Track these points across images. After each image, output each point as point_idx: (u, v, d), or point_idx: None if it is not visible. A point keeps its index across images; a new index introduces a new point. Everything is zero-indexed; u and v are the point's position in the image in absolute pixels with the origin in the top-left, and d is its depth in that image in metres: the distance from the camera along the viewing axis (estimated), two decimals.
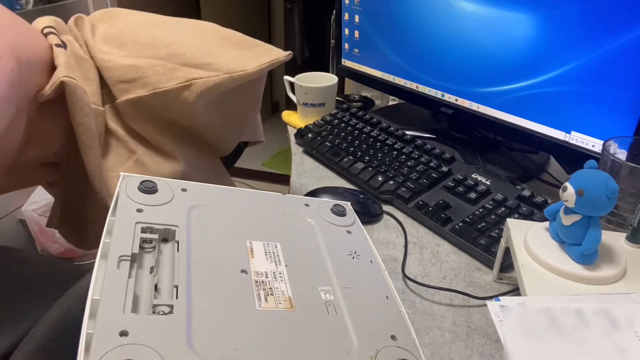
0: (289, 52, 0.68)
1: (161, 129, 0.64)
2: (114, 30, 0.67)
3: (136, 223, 0.40)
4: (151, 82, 0.61)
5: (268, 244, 0.44)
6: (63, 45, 0.60)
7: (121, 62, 0.62)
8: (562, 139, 0.71)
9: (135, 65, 0.61)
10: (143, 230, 0.40)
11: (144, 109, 0.62)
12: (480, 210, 0.67)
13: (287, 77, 1.04)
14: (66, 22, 0.67)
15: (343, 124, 0.91)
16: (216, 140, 0.72)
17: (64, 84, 0.55)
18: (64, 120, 0.58)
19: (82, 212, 0.66)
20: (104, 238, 0.38)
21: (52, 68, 0.57)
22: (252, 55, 0.67)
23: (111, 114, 0.63)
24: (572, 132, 0.70)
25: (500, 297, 0.42)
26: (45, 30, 0.61)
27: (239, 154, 0.84)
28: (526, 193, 0.68)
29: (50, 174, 0.68)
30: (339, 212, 0.51)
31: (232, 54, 0.66)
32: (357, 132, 0.88)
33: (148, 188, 0.44)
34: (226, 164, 0.79)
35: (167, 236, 0.41)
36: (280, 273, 0.41)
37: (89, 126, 0.58)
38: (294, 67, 3.01)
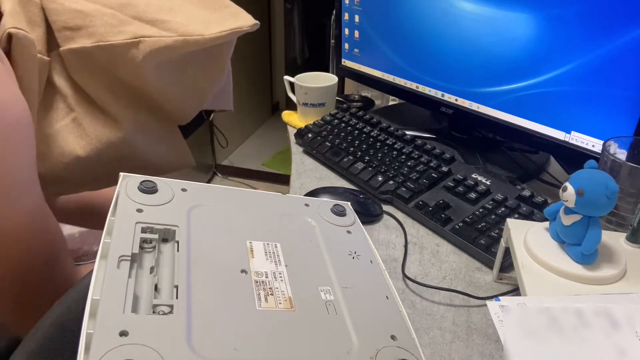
0: (256, 22, 0.62)
1: (107, 87, 0.59)
2: None
3: (136, 223, 0.40)
4: (97, 32, 0.56)
5: (268, 244, 0.44)
6: None
7: (68, 6, 0.56)
8: (562, 139, 0.71)
9: (83, 11, 0.56)
10: (143, 230, 0.40)
11: (88, 61, 0.57)
12: (480, 210, 0.67)
13: (287, 77, 1.04)
14: None
15: (343, 124, 0.91)
16: (171, 107, 0.66)
17: (11, 35, 0.51)
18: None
19: None
20: (104, 238, 0.38)
21: None
22: (216, 18, 0.61)
23: (56, 64, 0.58)
24: (572, 132, 0.70)
25: (500, 297, 0.42)
26: None
27: (200, 123, 0.79)
28: (526, 193, 0.68)
29: None
30: (339, 212, 0.51)
31: (193, 13, 0.60)
32: (357, 132, 0.88)
33: (148, 188, 0.44)
34: (184, 132, 0.73)
35: (167, 236, 0.41)
36: (280, 273, 0.41)
37: (28, 84, 0.53)
38: (294, 67, 3.02)
